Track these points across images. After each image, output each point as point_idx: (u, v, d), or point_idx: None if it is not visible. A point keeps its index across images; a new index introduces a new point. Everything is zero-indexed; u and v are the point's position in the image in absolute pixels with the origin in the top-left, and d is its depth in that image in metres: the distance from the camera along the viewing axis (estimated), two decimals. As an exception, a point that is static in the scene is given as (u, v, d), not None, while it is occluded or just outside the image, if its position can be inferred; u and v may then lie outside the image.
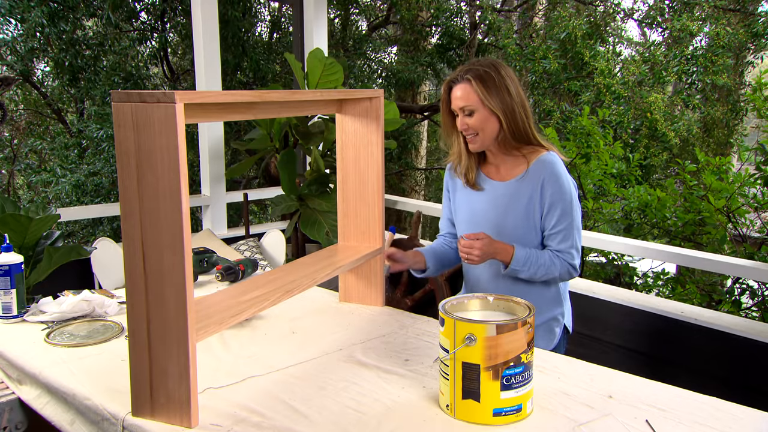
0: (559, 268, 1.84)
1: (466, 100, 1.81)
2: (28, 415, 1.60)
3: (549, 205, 1.83)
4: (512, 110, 1.81)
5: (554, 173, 1.83)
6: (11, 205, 2.63)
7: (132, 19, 7.45)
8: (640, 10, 9.10)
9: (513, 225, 1.86)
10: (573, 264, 1.85)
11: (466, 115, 1.83)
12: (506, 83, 1.81)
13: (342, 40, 8.99)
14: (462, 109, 1.83)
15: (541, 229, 1.87)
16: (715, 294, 4.13)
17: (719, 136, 8.73)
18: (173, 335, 1.23)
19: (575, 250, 1.85)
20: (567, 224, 1.83)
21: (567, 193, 1.84)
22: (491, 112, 1.81)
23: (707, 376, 2.57)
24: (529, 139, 1.86)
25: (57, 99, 8.38)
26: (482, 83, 1.79)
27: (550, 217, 1.84)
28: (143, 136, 1.20)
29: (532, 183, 1.84)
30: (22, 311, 1.87)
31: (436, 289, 3.46)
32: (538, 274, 1.83)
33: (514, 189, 1.87)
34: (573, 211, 1.84)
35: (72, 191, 6.60)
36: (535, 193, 1.84)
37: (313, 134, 3.65)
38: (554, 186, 1.82)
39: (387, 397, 1.38)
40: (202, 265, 2.31)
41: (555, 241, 1.85)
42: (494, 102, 1.80)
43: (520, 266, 1.81)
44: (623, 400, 1.37)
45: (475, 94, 1.80)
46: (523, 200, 1.85)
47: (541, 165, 1.84)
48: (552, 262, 1.83)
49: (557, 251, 1.84)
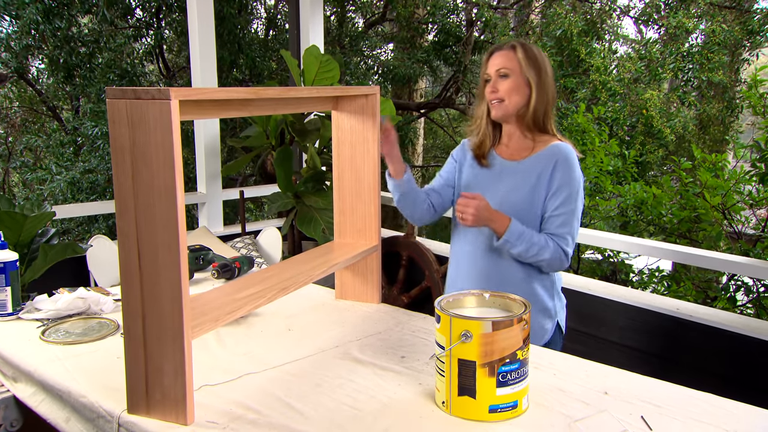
0: (552, 251, 1.81)
1: (506, 63, 1.84)
2: (23, 412, 1.60)
3: (557, 187, 1.83)
4: (544, 89, 1.85)
5: (568, 159, 1.84)
6: (6, 202, 2.63)
7: (127, 16, 7.43)
8: (636, 7, 9.11)
9: (514, 203, 1.85)
10: (566, 251, 1.83)
11: (501, 77, 1.85)
12: (546, 66, 1.88)
13: (338, 37, 8.97)
14: (498, 71, 1.85)
15: (542, 212, 1.85)
16: (711, 291, 4.14)
17: (715, 133, 8.75)
18: (169, 332, 1.23)
19: (571, 238, 1.84)
20: (569, 210, 1.83)
21: (576, 180, 1.84)
22: (525, 82, 1.84)
23: (703, 372, 2.58)
24: (546, 128, 1.89)
25: (52, 96, 8.36)
26: (526, 53, 1.84)
27: (554, 200, 1.83)
28: (138, 133, 1.20)
29: (542, 163, 1.85)
30: (17, 309, 1.87)
31: (433, 286, 3.46)
32: (530, 253, 1.80)
33: (524, 167, 1.87)
34: (578, 199, 1.85)
35: (67, 188, 6.58)
36: (545, 173, 1.83)
37: (309, 131, 3.65)
38: (565, 170, 1.83)
39: (383, 394, 1.39)
40: (197, 263, 2.31)
41: (554, 225, 1.83)
42: (531, 73, 1.83)
43: (513, 239, 1.78)
44: (619, 397, 1.37)
45: (516, 60, 1.84)
46: (531, 179, 1.85)
47: (557, 149, 1.85)
48: (546, 243, 1.81)
49: (553, 234, 1.83)
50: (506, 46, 1.87)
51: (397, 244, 3.63)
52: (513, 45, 1.86)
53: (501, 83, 1.85)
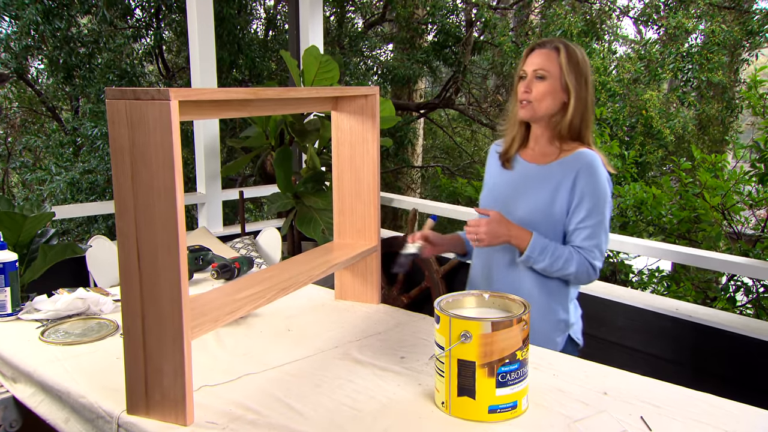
0: (577, 265, 1.72)
1: (545, 64, 1.74)
2: (22, 413, 1.60)
3: (579, 198, 1.73)
4: (582, 97, 1.75)
5: (591, 166, 1.73)
6: (5, 203, 2.63)
7: (127, 16, 7.43)
8: (636, 7, 9.12)
9: (532, 208, 1.77)
10: (593, 264, 1.73)
11: (537, 78, 1.75)
12: (588, 72, 1.77)
13: (338, 38, 8.97)
14: (535, 71, 1.75)
15: (563, 223, 1.76)
16: (710, 291, 4.14)
17: (714, 133, 8.76)
18: (168, 333, 1.23)
19: (599, 251, 1.74)
20: (596, 221, 1.73)
21: (602, 189, 1.74)
22: (563, 88, 1.75)
23: (702, 372, 2.58)
24: (583, 138, 1.79)
25: (52, 97, 8.35)
26: (569, 57, 1.74)
27: (579, 212, 1.73)
28: (138, 133, 1.20)
29: (565, 170, 1.75)
30: (16, 309, 1.86)
31: (432, 286, 3.46)
32: (555, 267, 1.72)
33: (546, 173, 1.78)
34: (605, 209, 1.74)
35: (67, 189, 6.58)
36: (566, 181, 1.74)
37: (308, 132, 3.65)
38: (589, 179, 1.73)
39: (383, 394, 1.38)
40: (197, 263, 2.31)
41: (580, 237, 1.74)
42: (571, 79, 1.73)
43: (536, 254, 1.71)
44: (618, 397, 1.37)
45: (557, 62, 1.74)
46: (552, 185, 1.76)
47: (580, 156, 1.76)
48: (571, 256, 1.72)
49: (579, 247, 1.73)
50: (549, 45, 1.76)
51: (397, 244, 3.63)
52: (557, 46, 1.75)
53: (536, 84, 1.75)
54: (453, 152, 11.18)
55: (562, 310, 1.84)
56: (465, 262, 2.02)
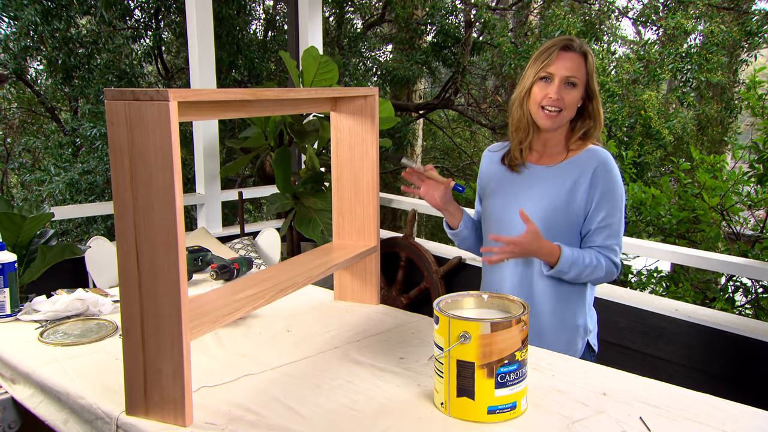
0: (605, 268, 1.71)
1: (577, 71, 1.70)
2: (21, 414, 1.60)
3: (600, 197, 1.71)
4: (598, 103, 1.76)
5: (608, 164, 1.72)
6: (4, 203, 2.63)
7: (126, 17, 7.42)
8: (635, 8, 9.13)
9: (546, 210, 1.73)
10: (616, 262, 1.73)
11: (567, 85, 1.69)
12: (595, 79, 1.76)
13: (337, 39, 8.98)
14: (567, 78, 1.69)
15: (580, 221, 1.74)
16: (709, 292, 4.14)
17: (713, 133, 8.77)
18: (167, 334, 1.23)
19: (618, 248, 1.74)
20: (616, 220, 1.72)
21: (619, 187, 1.73)
22: (588, 96, 1.73)
23: (701, 373, 2.58)
24: (588, 135, 1.78)
25: (50, 97, 8.35)
26: (593, 63, 1.73)
27: (599, 211, 1.71)
28: (137, 134, 1.19)
29: (580, 168, 1.73)
30: (15, 310, 1.86)
31: (431, 287, 3.46)
32: (583, 275, 1.70)
33: (557, 172, 1.75)
34: (623, 207, 1.74)
35: (66, 190, 6.58)
36: (583, 179, 1.71)
37: (307, 132, 3.65)
38: (607, 176, 1.71)
39: (382, 395, 1.38)
40: (196, 264, 2.31)
41: (601, 236, 1.72)
42: (594, 85, 1.73)
43: (566, 268, 1.68)
44: (617, 398, 1.37)
45: (585, 69, 1.71)
46: (567, 184, 1.72)
47: (594, 153, 1.74)
48: (598, 261, 1.70)
49: (601, 247, 1.72)
50: (578, 50, 1.70)
51: (396, 245, 3.63)
52: (585, 51, 1.71)
53: (567, 92, 1.70)
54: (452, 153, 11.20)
55: (581, 316, 1.84)
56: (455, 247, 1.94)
